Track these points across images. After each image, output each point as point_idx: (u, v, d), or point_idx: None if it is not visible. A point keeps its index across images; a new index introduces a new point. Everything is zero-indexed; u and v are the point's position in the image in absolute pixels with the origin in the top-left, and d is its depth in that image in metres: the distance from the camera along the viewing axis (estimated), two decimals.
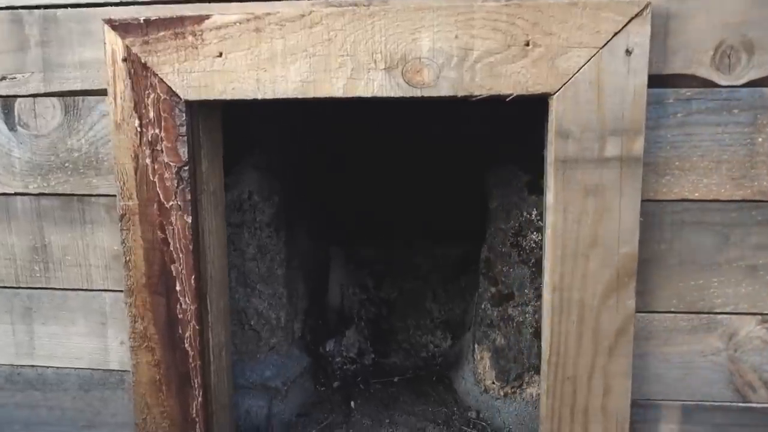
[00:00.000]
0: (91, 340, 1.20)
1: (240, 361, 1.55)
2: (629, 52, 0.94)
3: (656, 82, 0.98)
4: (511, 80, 0.96)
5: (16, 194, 1.16)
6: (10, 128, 1.13)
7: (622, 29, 0.93)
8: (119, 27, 1.02)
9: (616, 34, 0.93)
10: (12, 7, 1.09)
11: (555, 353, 1.05)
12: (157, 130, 1.04)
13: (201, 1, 1.04)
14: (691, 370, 1.08)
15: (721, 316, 1.06)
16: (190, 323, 1.12)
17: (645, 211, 1.01)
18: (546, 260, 1.04)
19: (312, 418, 1.56)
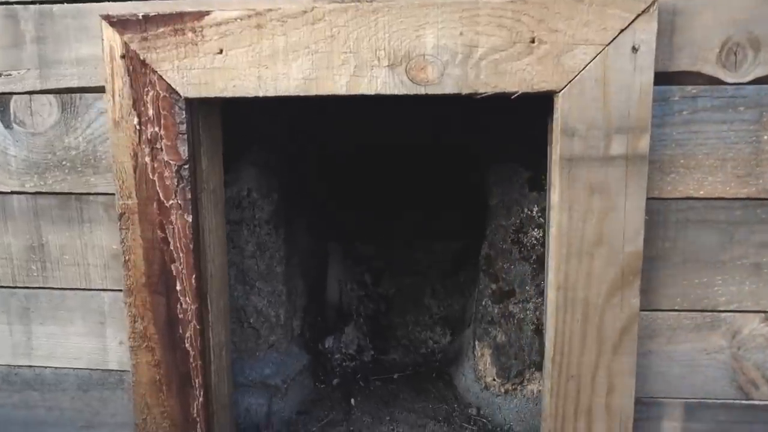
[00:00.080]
0: (89, 340, 1.19)
1: (239, 359, 1.54)
2: (635, 50, 0.93)
3: (662, 80, 0.97)
4: (516, 78, 0.95)
5: (13, 193, 1.14)
6: (6, 126, 1.11)
7: (628, 26, 0.92)
8: (117, 23, 1.00)
9: (623, 31, 0.92)
10: (7, 2, 1.06)
11: (559, 352, 1.04)
12: (156, 128, 1.03)
13: None
14: (695, 368, 1.08)
15: (724, 314, 1.05)
16: (191, 323, 1.11)
17: (650, 209, 1.00)
18: (550, 259, 1.03)
19: (312, 415, 1.55)
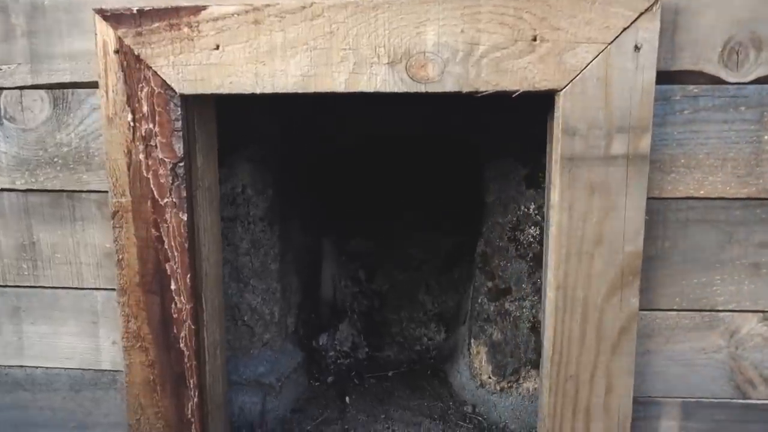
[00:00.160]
0: (82, 339, 1.17)
1: (233, 357, 1.53)
2: (638, 48, 0.92)
3: (663, 79, 0.96)
4: (518, 76, 0.94)
5: (3, 190, 1.11)
6: None
7: (631, 25, 0.91)
8: (111, 17, 0.97)
9: (625, 29, 0.91)
10: None
11: (558, 352, 1.04)
12: (151, 125, 1.01)
13: None
14: (693, 368, 1.08)
15: (723, 313, 1.05)
16: (186, 323, 1.09)
17: (650, 209, 0.99)
18: (549, 258, 1.03)
19: (306, 413, 1.55)
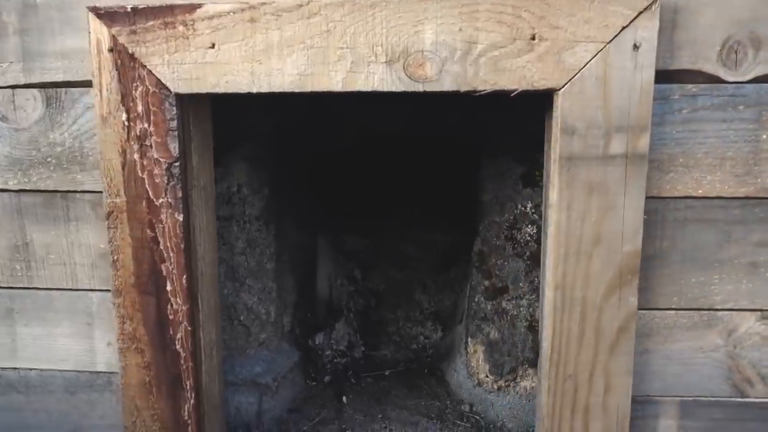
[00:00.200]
0: (76, 341, 1.15)
1: (229, 357, 1.52)
2: (637, 47, 0.92)
3: (662, 78, 0.96)
4: (516, 75, 0.94)
5: None
6: None
7: (630, 23, 0.91)
8: (105, 15, 0.96)
9: (624, 28, 0.91)
10: None
11: (556, 351, 1.03)
12: (145, 125, 1.00)
13: None
14: (690, 367, 1.08)
15: (721, 312, 1.05)
16: (182, 324, 1.08)
17: (648, 208, 0.99)
18: (548, 258, 1.02)
19: (303, 413, 1.54)
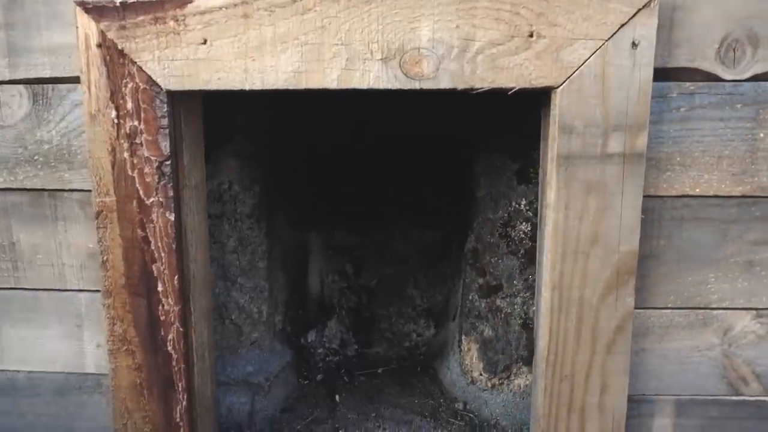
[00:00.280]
0: (65, 342, 1.13)
1: (221, 357, 1.50)
2: (635, 45, 0.91)
3: (660, 76, 0.95)
4: (514, 73, 0.92)
5: None
6: None
7: (629, 21, 0.90)
8: (93, 9, 0.94)
9: (623, 25, 0.90)
10: None
11: (553, 352, 1.03)
12: (136, 122, 0.97)
13: None
14: (686, 365, 1.08)
15: (717, 311, 1.05)
16: (174, 325, 1.06)
17: (645, 207, 0.98)
18: (545, 258, 1.01)
19: (296, 413, 1.53)
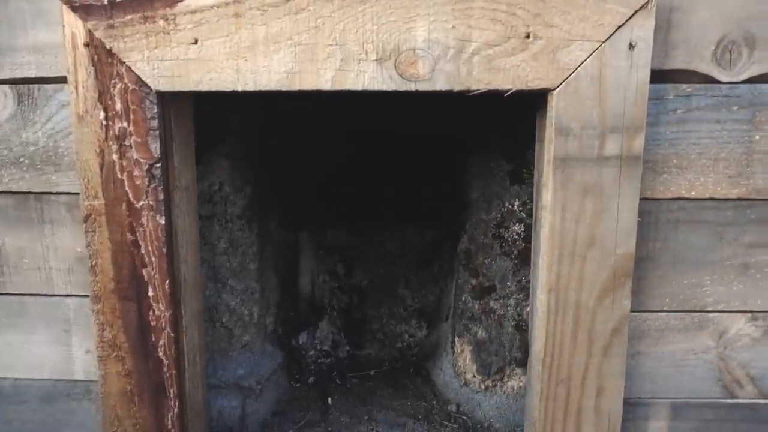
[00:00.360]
0: (52, 348, 1.11)
1: (211, 360, 1.48)
2: (632, 47, 0.90)
3: (656, 78, 0.94)
4: (510, 74, 0.91)
5: None
6: None
7: (626, 22, 0.89)
8: (80, 8, 0.91)
9: (620, 27, 0.89)
10: None
11: (549, 355, 1.02)
12: (125, 124, 0.95)
13: None
14: (681, 368, 1.07)
15: (712, 314, 1.05)
16: (164, 330, 1.04)
17: (641, 209, 0.98)
18: (541, 260, 1.01)
19: (288, 416, 1.51)
